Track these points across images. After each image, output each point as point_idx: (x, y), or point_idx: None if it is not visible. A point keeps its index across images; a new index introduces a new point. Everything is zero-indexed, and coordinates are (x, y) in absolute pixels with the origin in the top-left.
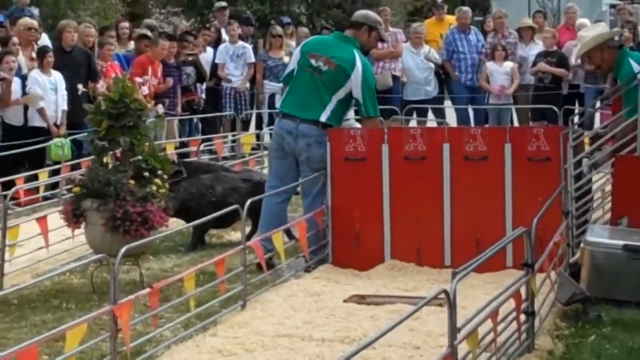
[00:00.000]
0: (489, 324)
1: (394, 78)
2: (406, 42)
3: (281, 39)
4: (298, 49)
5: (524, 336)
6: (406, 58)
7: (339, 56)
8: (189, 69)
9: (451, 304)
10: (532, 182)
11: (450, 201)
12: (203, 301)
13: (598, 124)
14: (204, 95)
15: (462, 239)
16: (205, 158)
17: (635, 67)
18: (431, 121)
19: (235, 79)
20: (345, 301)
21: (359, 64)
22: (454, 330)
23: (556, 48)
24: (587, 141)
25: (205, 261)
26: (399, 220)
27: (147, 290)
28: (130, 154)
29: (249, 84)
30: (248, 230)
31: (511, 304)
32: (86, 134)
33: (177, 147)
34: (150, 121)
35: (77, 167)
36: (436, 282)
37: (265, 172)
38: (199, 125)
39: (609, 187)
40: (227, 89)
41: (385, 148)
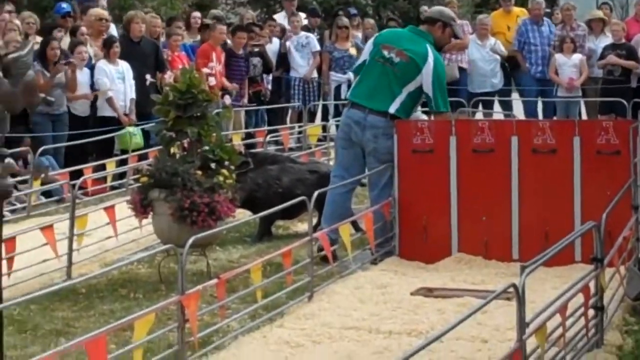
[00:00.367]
0: (557, 318)
1: (461, 70)
2: (472, 34)
3: (347, 30)
4: (371, 40)
5: (592, 331)
6: (472, 50)
7: (411, 49)
8: (256, 60)
9: (520, 298)
10: (601, 175)
11: (518, 194)
12: (270, 292)
13: None
14: (270, 86)
15: (530, 232)
16: (272, 149)
17: None
18: (497, 113)
19: (301, 69)
20: (412, 294)
21: (431, 59)
22: (522, 324)
23: (625, 41)
24: None
25: (272, 252)
26: (467, 212)
27: (214, 281)
28: (198, 144)
29: (316, 73)
30: (314, 221)
31: (580, 298)
32: (154, 124)
33: (243, 138)
34: (217, 112)
35: (144, 157)
36: (504, 275)
37: (331, 163)
38: (265, 116)
39: None
40: (295, 80)
41: (453, 140)
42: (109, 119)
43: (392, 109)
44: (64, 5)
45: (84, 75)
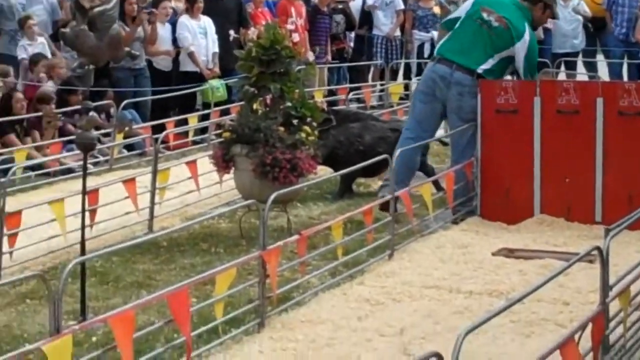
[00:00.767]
0: None
1: (545, 30)
2: None
3: None
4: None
5: None
6: None
7: (511, 20)
8: (339, 17)
9: (604, 261)
10: None
11: (602, 156)
12: (350, 250)
13: None
14: (352, 44)
15: (614, 195)
16: (353, 107)
17: None
18: (581, 75)
19: (384, 27)
20: (493, 254)
21: (527, 37)
22: (605, 287)
23: None
24: None
25: (352, 210)
26: (550, 174)
27: (295, 237)
28: (281, 101)
29: (398, 31)
30: None
31: None
32: (236, 79)
33: (325, 95)
34: (300, 68)
35: (226, 112)
36: (586, 238)
37: None
38: (347, 74)
39: None
40: (377, 38)
41: (537, 101)
42: (191, 74)
43: (481, 69)
44: None
45: (166, 30)
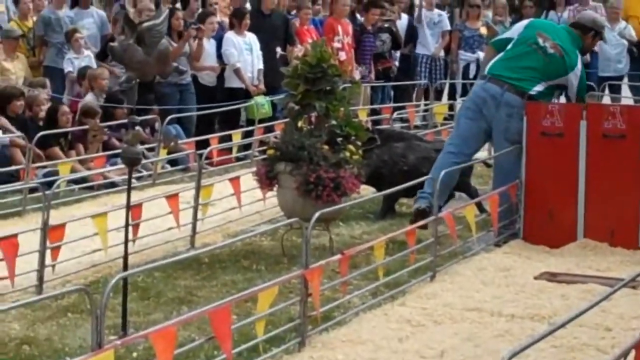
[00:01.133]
0: None
1: (592, 53)
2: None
3: (479, 9)
4: (524, 22)
5: None
6: None
7: (565, 49)
8: (385, 36)
9: None
10: None
11: None
12: (392, 270)
13: None
14: (397, 63)
15: None
16: (397, 126)
17: None
18: (626, 98)
19: (430, 46)
20: (535, 278)
21: (579, 66)
22: None
23: None
24: None
25: (395, 230)
26: (594, 198)
27: (338, 256)
28: (325, 119)
29: (443, 52)
30: None
31: None
32: (281, 96)
33: (369, 114)
34: (345, 87)
35: (270, 129)
36: (629, 263)
37: None
38: (392, 93)
39: None
40: (422, 57)
41: (583, 124)
42: (236, 90)
43: (533, 91)
44: None
45: (211, 45)
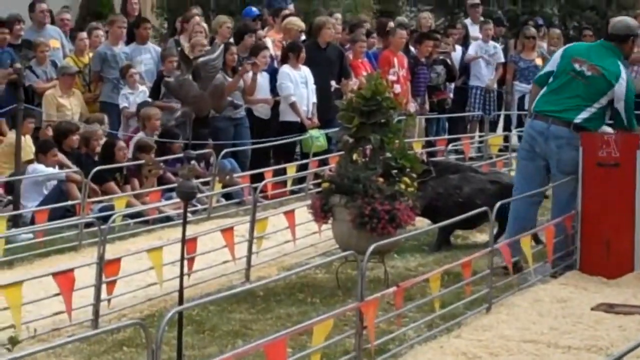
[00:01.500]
0: None
1: None
2: None
3: (534, 40)
4: (559, 51)
5: None
6: None
7: (603, 65)
8: (439, 68)
9: None
10: None
11: None
12: (447, 302)
13: None
14: (452, 94)
15: None
16: (452, 158)
17: None
18: None
19: (485, 78)
20: (592, 309)
21: (624, 77)
22: None
23: None
24: None
25: (450, 262)
26: None
27: (393, 288)
28: (380, 151)
29: (496, 84)
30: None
31: None
32: (336, 130)
33: (424, 146)
34: (400, 119)
35: (325, 162)
36: None
37: (512, 174)
38: (446, 125)
39: None
40: (475, 89)
41: (639, 154)
42: (291, 124)
43: (578, 119)
44: (254, 8)
45: (264, 79)
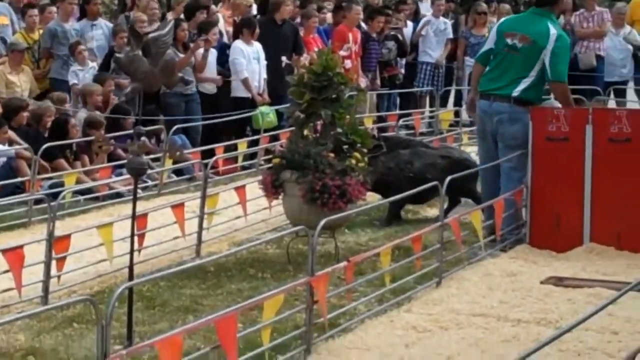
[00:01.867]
0: None
1: (598, 58)
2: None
3: (485, 16)
4: (494, 28)
5: None
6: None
7: (533, 31)
8: (391, 44)
9: None
10: None
11: None
12: (398, 277)
13: None
14: (403, 70)
15: None
16: (403, 133)
17: None
18: (632, 102)
19: (434, 54)
20: (542, 282)
21: (553, 31)
22: None
23: None
24: None
25: (400, 237)
26: (600, 202)
27: (343, 263)
28: (331, 127)
29: (445, 59)
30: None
31: None
32: (287, 105)
33: (374, 122)
34: (351, 95)
35: (275, 138)
36: (636, 267)
37: (463, 149)
38: (397, 100)
39: None
40: (424, 64)
41: (589, 129)
42: (242, 100)
43: (516, 92)
44: None
45: (212, 55)
